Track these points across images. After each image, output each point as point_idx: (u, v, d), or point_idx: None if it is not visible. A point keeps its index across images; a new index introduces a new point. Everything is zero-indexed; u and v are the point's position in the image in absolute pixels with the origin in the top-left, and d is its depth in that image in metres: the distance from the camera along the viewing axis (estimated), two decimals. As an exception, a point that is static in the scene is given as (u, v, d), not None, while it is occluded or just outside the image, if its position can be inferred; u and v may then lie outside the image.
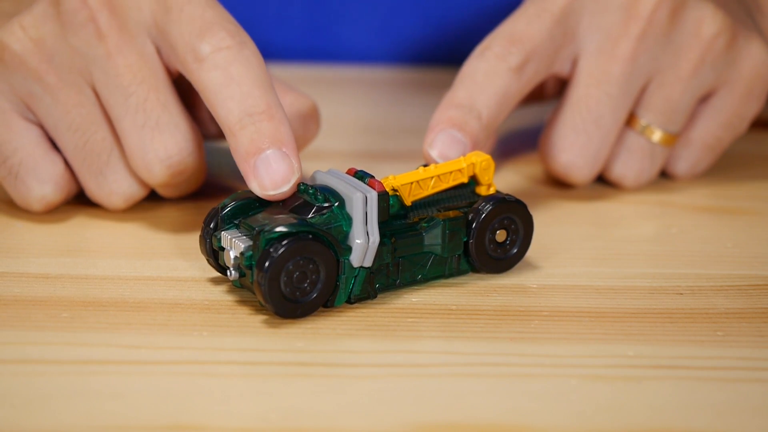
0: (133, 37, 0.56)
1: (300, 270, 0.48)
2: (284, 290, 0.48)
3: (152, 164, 0.56)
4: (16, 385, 0.44)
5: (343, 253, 0.49)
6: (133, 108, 0.56)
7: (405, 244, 0.51)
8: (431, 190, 0.52)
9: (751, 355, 0.47)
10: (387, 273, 0.51)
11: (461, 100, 0.59)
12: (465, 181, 0.53)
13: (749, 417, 0.43)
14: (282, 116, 0.53)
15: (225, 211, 0.51)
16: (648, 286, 0.53)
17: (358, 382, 0.45)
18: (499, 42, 0.60)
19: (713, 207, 0.63)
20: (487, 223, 0.52)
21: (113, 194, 0.59)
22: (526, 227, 0.53)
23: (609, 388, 0.45)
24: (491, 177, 0.54)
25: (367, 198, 0.50)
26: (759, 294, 0.52)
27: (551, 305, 0.51)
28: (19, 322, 0.49)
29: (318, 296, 0.49)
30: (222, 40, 0.54)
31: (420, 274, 0.52)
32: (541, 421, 0.43)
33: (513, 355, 0.47)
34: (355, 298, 0.50)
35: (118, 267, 0.54)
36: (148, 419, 0.42)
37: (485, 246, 0.53)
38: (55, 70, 0.57)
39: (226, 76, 0.53)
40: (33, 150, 0.58)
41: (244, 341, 0.48)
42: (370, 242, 0.50)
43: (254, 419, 0.42)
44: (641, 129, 0.63)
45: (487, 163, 0.53)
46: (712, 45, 0.62)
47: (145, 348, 0.47)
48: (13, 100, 0.57)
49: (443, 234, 0.52)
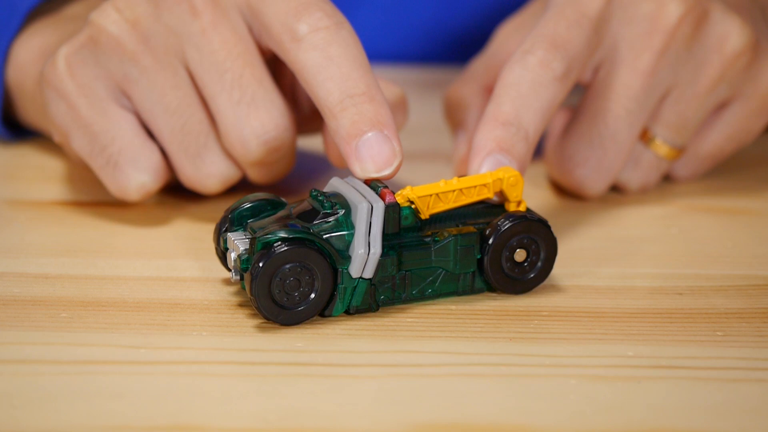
0: (226, 14, 0.56)
1: (295, 276, 0.48)
2: (276, 295, 0.48)
3: (248, 140, 0.56)
4: (16, 385, 0.44)
5: (342, 262, 0.49)
6: (228, 84, 0.56)
7: (411, 257, 0.50)
8: (452, 204, 0.51)
9: (751, 355, 0.47)
10: (393, 286, 0.50)
11: (507, 117, 0.55)
12: (491, 196, 0.51)
13: (749, 417, 0.43)
14: (381, 98, 0.52)
15: (234, 212, 0.51)
16: (648, 286, 0.53)
17: (358, 382, 0.45)
18: (541, 46, 0.57)
19: (713, 207, 0.63)
20: (503, 241, 0.51)
21: (210, 177, 0.58)
22: (548, 249, 0.51)
23: (609, 388, 0.45)
24: (520, 193, 0.52)
25: (372, 208, 0.49)
26: (759, 294, 0.52)
27: (551, 305, 0.51)
28: (18, 322, 0.49)
29: (312, 304, 0.49)
30: (319, 20, 0.54)
31: (429, 289, 0.51)
32: (541, 421, 0.43)
33: (513, 355, 0.47)
34: (354, 310, 0.50)
35: (117, 267, 0.54)
36: (148, 419, 0.42)
37: (501, 265, 0.51)
38: (151, 52, 0.56)
39: (325, 57, 0.53)
40: (132, 139, 0.58)
41: (244, 341, 0.48)
42: (371, 253, 0.49)
43: (254, 419, 0.42)
44: (649, 142, 0.62)
45: (515, 179, 0.51)
46: (734, 63, 0.61)
47: (145, 348, 0.47)
48: (109, 86, 0.57)
49: (454, 250, 0.50)
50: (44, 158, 0.68)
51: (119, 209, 0.60)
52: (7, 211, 0.60)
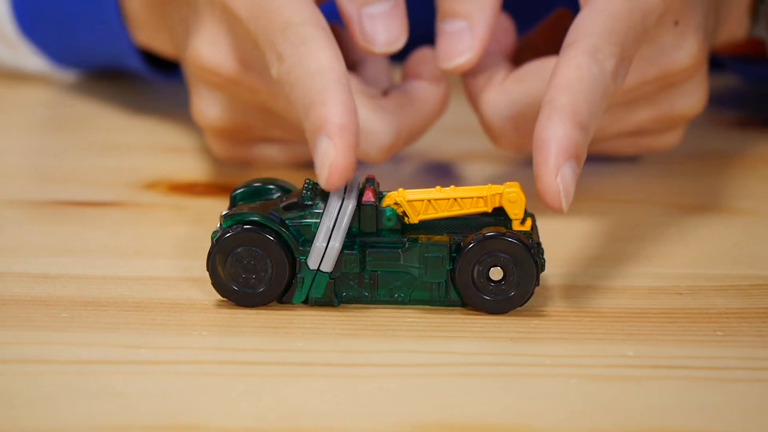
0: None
1: (251, 259, 0.49)
2: (231, 275, 0.49)
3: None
4: (16, 385, 0.44)
5: (303, 252, 0.49)
6: None
7: (377, 257, 0.50)
8: (447, 213, 0.50)
9: (751, 355, 0.47)
10: (359, 284, 0.50)
11: (583, 121, 0.49)
12: (488, 210, 0.50)
13: (749, 417, 0.43)
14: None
15: (237, 192, 0.52)
16: (648, 286, 0.53)
17: (358, 382, 0.45)
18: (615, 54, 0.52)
19: (713, 207, 0.63)
20: (472, 257, 0.49)
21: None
22: (525, 272, 0.49)
23: (609, 388, 0.45)
24: (521, 211, 0.50)
25: (342, 205, 0.49)
26: (759, 294, 0.52)
27: (551, 305, 0.51)
28: (18, 322, 0.49)
29: (267, 290, 0.50)
30: None
31: (399, 294, 0.50)
32: (541, 421, 0.43)
33: (513, 355, 0.47)
34: (313, 301, 0.50)
35: (118, 267, 0.54)
36: (148, 419, 0.42)
37: (470, 281, 0.49)
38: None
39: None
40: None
41: (244, 341, 0.48)
42: (329, 247, 0.49)
43: (254, 419, 0.42)
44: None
45: (516, 196, 0.49)
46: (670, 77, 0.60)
47: (145, 348, 0.47)
48: None
49: (420, 257, 0.49)
50: (45, 158, 0.68)
51: (119, 209, 0.60)
52: (7, 211, 0.60)
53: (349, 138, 0.48)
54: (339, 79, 0.50)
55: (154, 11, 0.68)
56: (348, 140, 0.48)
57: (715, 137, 0.73)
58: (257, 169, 0.65)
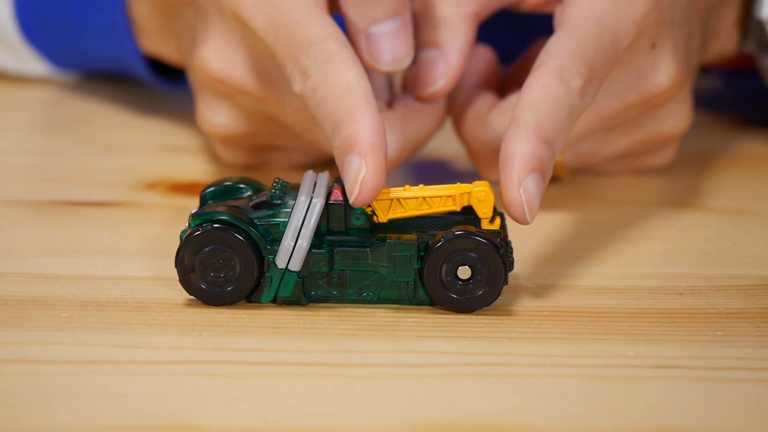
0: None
1: (218, 258, 0.49)
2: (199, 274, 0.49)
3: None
4: (16, 385, 0.44)
5: (271, 252, 0.49)
6: None
7: (345, 256, 0.49)
8: (415, 211, 0.50)
9: (751, 355, 0.47)
10: (328, 283, 0.50)
11: (548, 137, 0.50)
12: (457, 209, 0.50)
13: (749, 417, 0.43)
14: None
15: (206, 191, 0.52)
16: (648, 286, 0.53)
17: (358, 382, 0.45)
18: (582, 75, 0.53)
19: (713, 207, 0.63)
20: (439, 256, 0.49)
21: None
22: (493, 271, 0.49)
23: (609, 388, 0.45)
24: (490, 210, 0.50)
25: (310, 204, 0.49)
26: (759, 294, 0.52)
27: (551, 305, 0.51)
28: (18, 322, 0.49)
29: (235, 289, 0.50)
30: None
31: (368, 293, 0.50)
32: (541, 421, 0.43)
33: (513, 355, 0.47)
34: (281, 300, 0.50)
35: (118, 267, 0.54)
36: (148, 419, 0.42)
37: (438, 279, 0.49)
38: None
39: None
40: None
41: (244, 341, 0.48)
42: (296, 246, 0.49)
43: (254, 419, 0.42)
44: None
45: (484, 195, 0.49)
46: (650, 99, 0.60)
47: (145, 348, 0.47)
48: None
49: (388, 255, 0.49)
50: (45, 158, 0.68)
51: (119, 209, 0.60)
52: (7, 211, 0.60)
53: (380, 156, 0.49)
54: (367, 97, 0.51)
55: (161, 18, 0.68)
56: (379, 158, 0.49)
57: (715, 137, 0.73)
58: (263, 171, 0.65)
